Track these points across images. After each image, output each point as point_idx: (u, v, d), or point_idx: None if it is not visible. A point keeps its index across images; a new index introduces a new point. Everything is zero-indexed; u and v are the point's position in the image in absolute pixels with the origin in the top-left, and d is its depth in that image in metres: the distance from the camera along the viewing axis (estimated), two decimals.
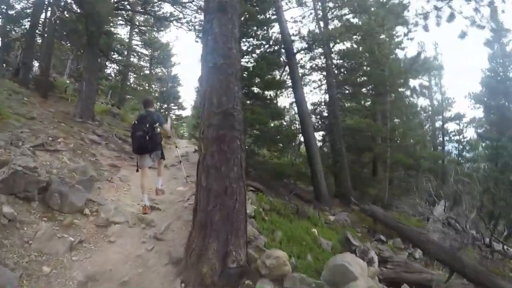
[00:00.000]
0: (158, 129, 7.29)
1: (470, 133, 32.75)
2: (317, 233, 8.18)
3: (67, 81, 22.08)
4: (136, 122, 7.25)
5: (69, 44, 24.38)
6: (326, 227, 10.12)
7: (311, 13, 18.39)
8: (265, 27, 13.21)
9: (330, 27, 17.49)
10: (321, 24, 17.56)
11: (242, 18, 12.72)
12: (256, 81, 13.27)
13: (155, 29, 27.86)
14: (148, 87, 37.10)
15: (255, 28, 12.89)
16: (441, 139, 31.17)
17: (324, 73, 19.39)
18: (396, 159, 19.87)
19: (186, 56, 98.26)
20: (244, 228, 4.55)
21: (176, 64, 37.07)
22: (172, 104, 41.51)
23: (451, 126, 31.47)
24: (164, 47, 31.87)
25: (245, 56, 13.52)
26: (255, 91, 13.80)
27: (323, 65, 19.04)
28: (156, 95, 39.36)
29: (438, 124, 31.82)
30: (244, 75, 13.13)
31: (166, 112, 37.51)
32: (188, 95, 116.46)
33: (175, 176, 10.56)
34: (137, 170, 7.66)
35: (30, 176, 5.49)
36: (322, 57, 18.74)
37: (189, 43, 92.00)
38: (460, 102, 57.12)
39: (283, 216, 8.84)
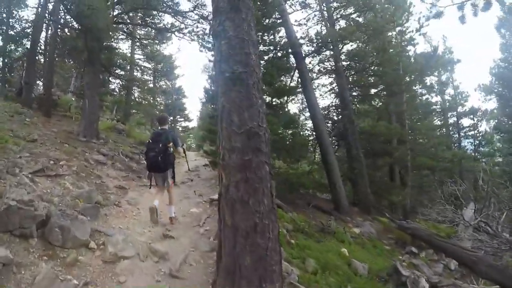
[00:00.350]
0: (171, 149, 7.24)
1: (484, 127, 31.58)
2: (347, 252, 7.48)
3: (72, 99, 21.61)
4: (150, 141, 7.31)
5: (71, 62, 24.02)
6: (353, 242, 9.40)
7: (315, 15, 17.78)
8: (272, 32, 12.56)
9: (336, 27, 16.83)
10: (327, 25, 16.90)
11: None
12: (264, 88, 12.65)
13: (157, 41, 27.45)
14: (153, 101, 36.75)
15: (261, 33, 12.24)
16: (456, 135, 30.17)
17: (333, 76, 18.73)
18: (419, 162, 18.90)
19: (190, 67, 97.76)
20: (279, 271, 3.67)
21: (180, 76, 36.79)
22: (178, 116, 41.25)
23: (465, 122, 30.65)
24: (166, 60, 31.34)
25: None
26: (266, 99, 13.18)
27: (332, 67, 18.35)
28: (162, 108, 39.11)
29: (451, 120, 30.92)
30: None
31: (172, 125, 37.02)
32: (193, 106, 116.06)
33: (187, 195, 9.92)
34: (150, 187, 8.05)
35: (26, 211, 4.83)
36: (331, 59, 18.06)
37: (192, 54, 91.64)
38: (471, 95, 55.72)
39: (309, 236, 8.17)
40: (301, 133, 18.07)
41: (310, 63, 18.17)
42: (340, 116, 17.88)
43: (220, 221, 3.87)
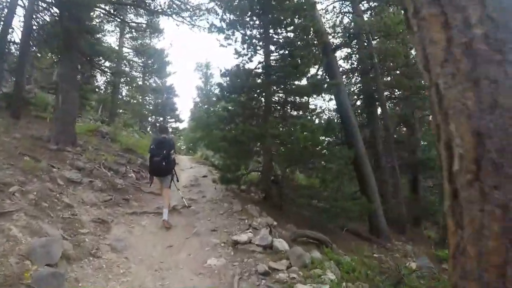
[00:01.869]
0: (173, 156, 7.75)
1: None
2: None
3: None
4: (154, 146, 7.60)
5: (50, 54, 20.85)
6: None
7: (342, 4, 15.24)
8: (301, 14, 9.77)
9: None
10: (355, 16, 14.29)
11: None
12: (293, 84, 9.95)
13: (148, 32, 24.67)
14: (141, 99, 34.02)
15: (289, 14, 9.48)
16: None
17: (358, 74, 16.08)
18: None
19: (182, 64, 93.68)
20: None
21: (171, 74, 34.06)
22: (169, 117, 38.46)
23: None
24: (158, 54, 28.54)
25: (277, 51, 10.29)
26: (291, 98, 10.50)
27: (357, 65, 15.70)
28: (151, 107, 36.55)
29: None
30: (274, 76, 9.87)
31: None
32: (185, 106, 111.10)
33: (195, 229, 7.08)
34: (150, 185, 8.40)
35: None
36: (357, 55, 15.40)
37: (186, 49, 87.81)
38: None
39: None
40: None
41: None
42: (367, 121, 15.16)
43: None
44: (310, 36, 10.65)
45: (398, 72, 16.56)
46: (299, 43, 10.00)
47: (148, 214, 7.76)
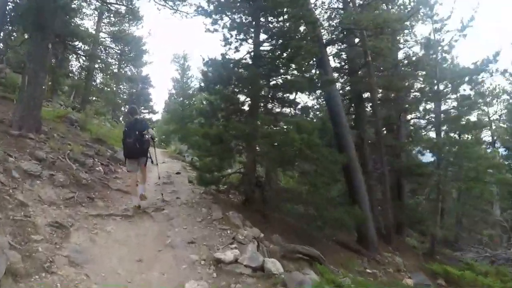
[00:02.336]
0: (147, 136, 7.51)
1: None
2: None
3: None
4: (126, 128, 7.53)
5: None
6: None
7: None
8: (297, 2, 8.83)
9: None
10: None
11: None
12: (286, 77, 9.08)
13: (127, 18, 23.33)
14: (116, 88, 32.64)
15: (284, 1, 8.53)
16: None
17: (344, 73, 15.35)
18: (469, 186, 15.04)
19: (159, 55, 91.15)
20: None
21: (148, 63, 32.79)
22: (143, 108, 37.18)
23: None
24: (136, 42, 27.11)
25: (268, 41, 9.39)
26: (280, 94, 9.57)
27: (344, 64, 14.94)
28: (125, 97, 35.43)
29: None
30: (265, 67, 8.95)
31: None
32: (160, 97, 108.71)
33: (168, 239, 6.12)
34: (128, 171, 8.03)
35: None
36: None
37: (163, 40, 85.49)
38: None
39: None
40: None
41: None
42: (354, 123, 14.34)
43: None
44: (303, 27, 9.73)
45: (386, 73, 15.90)
46: (293, 34, 8.99)
47: (115, 217, 6.77)
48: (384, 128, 17.18)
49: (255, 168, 9.14)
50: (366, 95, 14.71)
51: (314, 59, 10.76)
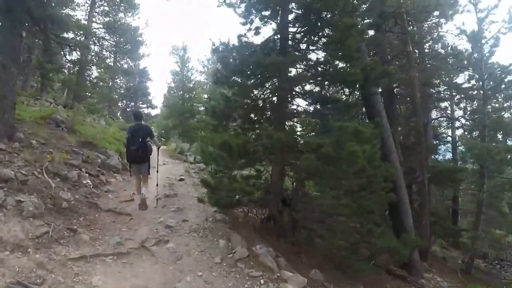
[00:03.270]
0: (150, 143, 7.53)
1: None
2: None
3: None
4: (129, 135, 7.40)
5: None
6: None
7: None
8: None
9: None
10: None
11: None
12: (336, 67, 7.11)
13: (122, 7, 21.57)
14: (112, 82, 30.85)
15: None
16: None
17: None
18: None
19: (157, 47, 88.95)
20: None
21: (145, 56, 30.88)
22: (141, 102, 35.59)
23: None
24: (132, 32, 25.22)
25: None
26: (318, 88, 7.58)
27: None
28: (122, 91, 34.48)
29: None
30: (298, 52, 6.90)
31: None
32: (158, 91, 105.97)
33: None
34: (131, 175, 8.29)
35: None
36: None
37: (161, 32, 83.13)
38: None
39: None
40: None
41: None
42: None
43: None
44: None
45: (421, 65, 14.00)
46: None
47: (104, 258, 4.94)
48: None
49: (282, 181, 7.22)
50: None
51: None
